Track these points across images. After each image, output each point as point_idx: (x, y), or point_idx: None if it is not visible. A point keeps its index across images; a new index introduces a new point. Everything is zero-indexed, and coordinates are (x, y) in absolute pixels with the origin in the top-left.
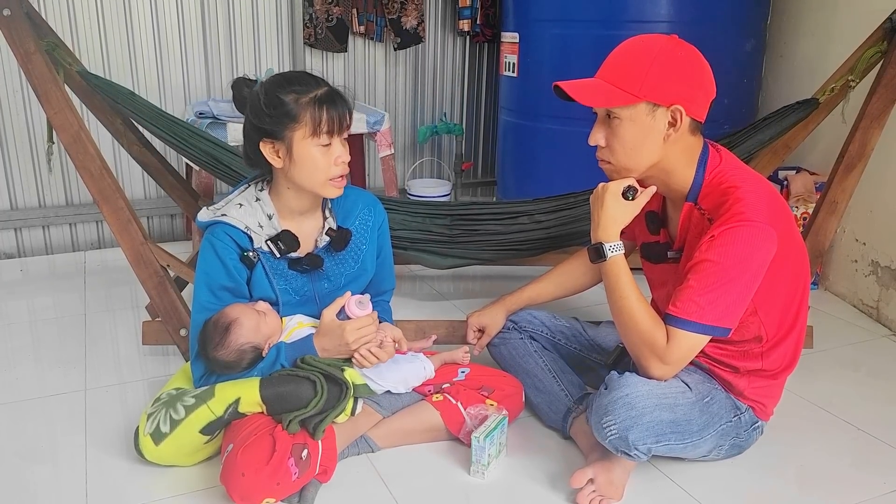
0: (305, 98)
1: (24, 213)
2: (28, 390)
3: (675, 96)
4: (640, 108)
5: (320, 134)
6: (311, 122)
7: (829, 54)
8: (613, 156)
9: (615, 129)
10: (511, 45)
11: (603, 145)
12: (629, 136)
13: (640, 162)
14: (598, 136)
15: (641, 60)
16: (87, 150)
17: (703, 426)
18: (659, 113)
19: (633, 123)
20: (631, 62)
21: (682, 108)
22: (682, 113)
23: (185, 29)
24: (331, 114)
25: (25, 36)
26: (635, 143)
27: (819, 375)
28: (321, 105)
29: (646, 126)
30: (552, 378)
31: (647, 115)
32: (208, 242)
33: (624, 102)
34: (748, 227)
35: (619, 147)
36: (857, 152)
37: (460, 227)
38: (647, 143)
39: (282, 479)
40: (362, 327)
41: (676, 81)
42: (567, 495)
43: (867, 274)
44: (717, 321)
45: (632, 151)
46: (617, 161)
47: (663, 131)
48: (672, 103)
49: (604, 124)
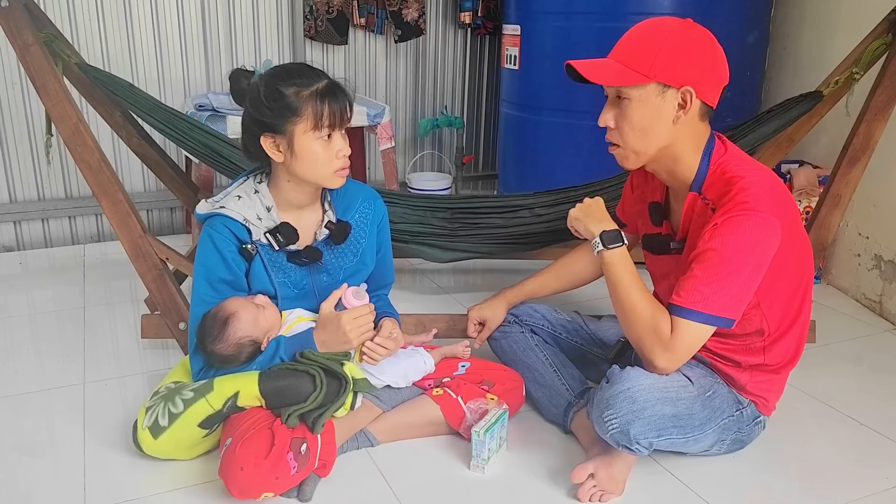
0: (306, 91)
1: (24, 206)
2: (27, 383)
3: (685, 77)
4: (650, 89)
5: (321, 127)
6: (313, 116)
7: (833, 47)
8: (622, 137)
9: (624, 110)
10: (513, 38)
11: (612, 126)
12: (638, 116)
13: (649, 144)
14: (607, 116)
15: (653, 41)
16: (86, 143)
17: (705, 421)
18: (669, 94)
19: (643, 104)
20: (643, 42)
21: (692, 89)
22: (693, 95)
23: (184, 21)
24: (332, 107)
25: (23, 27)
26: (644, 125)
27: (821, 370)
28: (322, 98)
29: (655, 107)
30: (553, 372)
31: (657, 95)
32: (207, 235)
33: (634, 82)
34: (752, 216)
35: (629, 128)
36: (862, 145)
37: (461, 220)
38: (657, 125)
39: (280, 474)
40: (359, 317)
41: (688, 63)
42: (568, 490)
43: (870, 268)
44: (721, 311)
45: (640, 133)
46: (626, 143)
47: (673, 113)
48: (682, 84)
49: (613, 105)
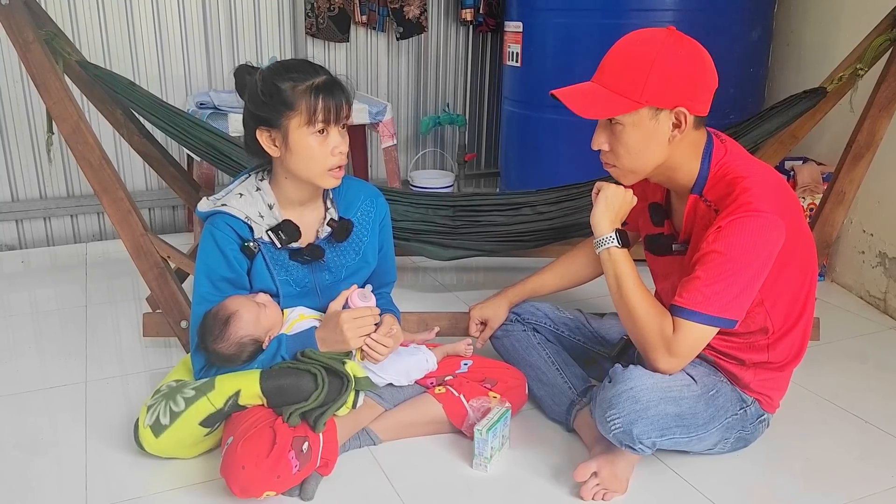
0: (302, 86)
1: (26, 205)
2: (29, 382)
3: (677, 98)
4: (643, 114)
5: (315, 122)
6: (307, 111)
7: (836, 43)
8: (618, 160)
9: (618, 135)
10: (514, 35)
11: (606, 150)
12: (633, 140)
13: (646, 164)
14: (600, 139)
15: (641, 64)
16: (87, 141)
17: (709, 419)
18: (662, 116)
19: (637, 128)
20: (630, 66)
21: (685, 109)
22: (686, 114)
23: (185, 19)
24: (327, 102)
25: (24, 25)
26: (639, 148)
27: (826, 368)
28: (318, 93)
29: (649, 130)
30: (555, 370)
31: (650, 119)
32: (208, 233)
33: (626, 111)
34: (756, 217)
35: (624, 152)
36: (866, 142)
37: (463, 218)
38: (652, 146)
39: (282, 472)
40: (358, 317)
41: (678, 83)
42: (570, 489)
43: (874, 265)
44: (723, 312)
45: (636, 155)
46: (622, 164)
47: (668, 133)
48: (675, 105)
49: (606, 129)
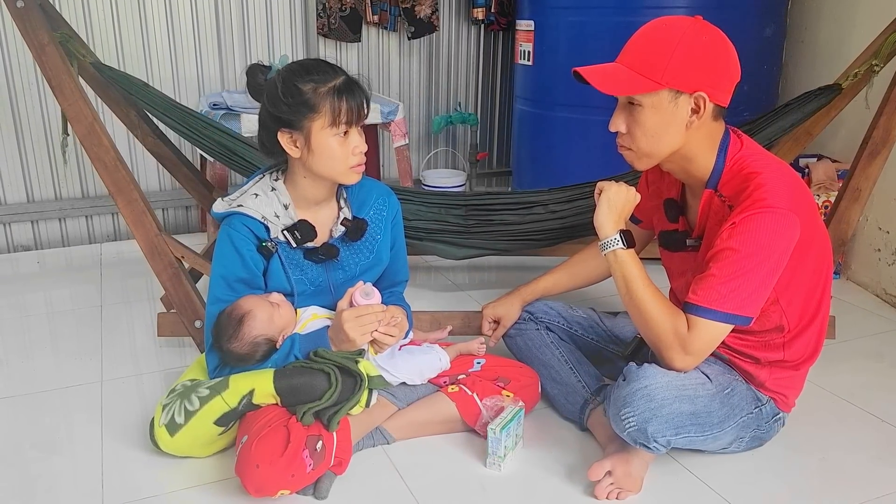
0: (324, 88)
1: (41, 206)
2: (45, 381)
3: (698, 83)
4: (663, 96)
5: (339, 124)
6: (330, 113)
7: (851, 39)
8: (634, 142)
9: (636, 116)
10: (526, 34)
11: (624, 132)
12: (651, 123)
13: (662, 149)
14: (618, 121)
15: (664, 46)
16: (102, 142)
17: (724, 418)
18: (682, 100)
19: (656, 110)
20: (654, 47)
21: (705, 94)
22: (706, 100)
23: (198, 20)
24: (349, 104)
25: (39, 27)
26: (657, 130)
27: (841, 366)
28: (340, 95)
29: (668, 113)
30: (569, 369)
31: (670, 102)
32: (225, 234)
33: (646, 90)
34: (770, 213)
35: (641, 134)
36: (882, 138)
37: (475, 217)
38: (670, 130)
39: (296, 471)
40: (360, 316)
41: (700, 68)
42: (584, 487)
43: (891, 263)
44: (738, 309)
45: (653, 138)
46: (638, 148)
47: (686, 118)
48: (696, 90)
49: (625, 110)
